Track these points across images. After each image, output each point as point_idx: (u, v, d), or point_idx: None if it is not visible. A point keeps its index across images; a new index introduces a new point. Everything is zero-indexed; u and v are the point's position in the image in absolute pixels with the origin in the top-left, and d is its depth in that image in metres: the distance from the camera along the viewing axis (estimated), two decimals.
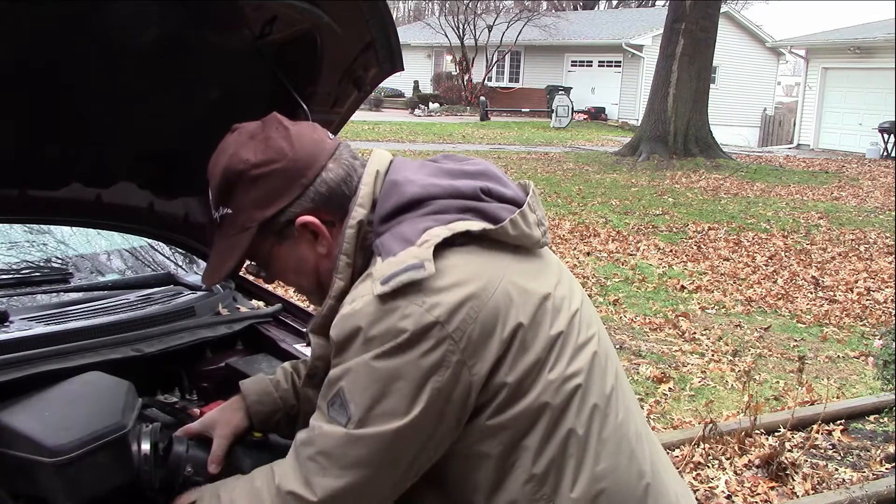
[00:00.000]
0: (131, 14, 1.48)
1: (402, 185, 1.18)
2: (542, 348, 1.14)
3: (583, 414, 1.15)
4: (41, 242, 2.25)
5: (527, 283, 1.16)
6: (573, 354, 1.17)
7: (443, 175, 1.21)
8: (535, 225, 1.21)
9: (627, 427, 1.22)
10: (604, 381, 1.20)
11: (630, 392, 1.30)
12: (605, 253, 8.31)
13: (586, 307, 1.27)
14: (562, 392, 1.14)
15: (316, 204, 1.21)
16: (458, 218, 1.15)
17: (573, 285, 1.28)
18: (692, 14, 16.62)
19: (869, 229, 10.39)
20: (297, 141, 1.22)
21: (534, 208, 1.23)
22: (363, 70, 1.81)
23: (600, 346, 1.23)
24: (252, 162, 1.21)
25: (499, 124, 25.91)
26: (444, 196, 1.17)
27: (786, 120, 30.03)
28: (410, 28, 37.94)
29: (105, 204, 1.91)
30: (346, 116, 1.95)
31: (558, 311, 1.18)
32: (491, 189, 1.20)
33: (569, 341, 1.17)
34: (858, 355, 5.47)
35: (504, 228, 1.15)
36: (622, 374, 1.29)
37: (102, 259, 2.29)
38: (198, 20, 1.55)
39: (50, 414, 1.35)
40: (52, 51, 1.47)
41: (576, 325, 1.20)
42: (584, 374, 1.17)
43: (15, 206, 1.79)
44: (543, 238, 1.24)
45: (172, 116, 1.74)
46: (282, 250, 1.26)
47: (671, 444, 3.71)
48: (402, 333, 1.07)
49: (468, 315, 1.08)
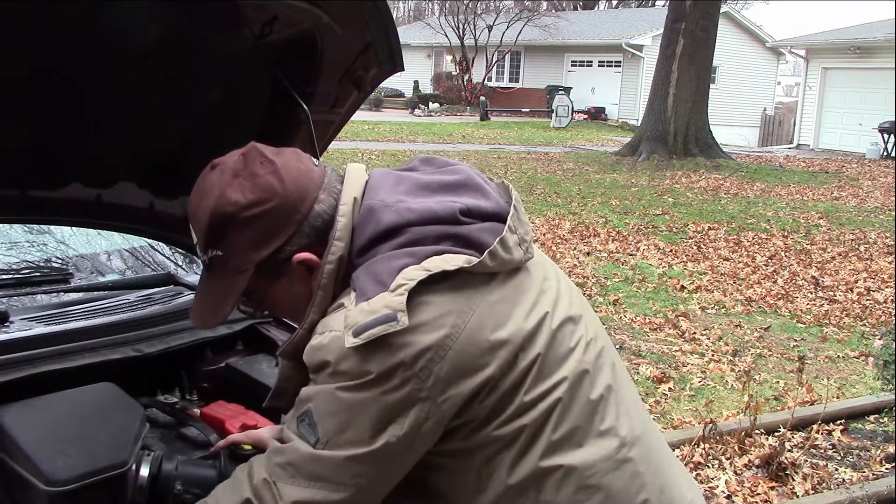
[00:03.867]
0: (132, 14, 1.48)
1: (377, 212, 1.14)
2: (518, 376, 1.12)
3: (563, 426, 1.13)
4: (41, 242, 2.25)
5: (500, 318, 1.12)
6: (552, 370, 1.14)
7: (420, 192, 1.17)
8: (515, 246, 1.17)
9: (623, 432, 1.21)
10: (592, 388, 1.18)
11: (631, 394, 1.27)
12: (605, 253, 8.30)
13: (575, 309, 1.23)
14: (539, 409, 1.12)
15: (311, 239, 1.17)
16: (435, 251, 1.11)
17: (559, 288, 1.24)
18: (692, 14, 16.62)
19: (869, 229, 10.39)
20: (285, 175, 1.17)
21: (514, 227, 1.17)
22: (363, 70, 1.80)
23: (587, 353, 1.20)
24: (242, 203, 1.15)
25: (499, 124, 25.91)
26: (420, 223, 1.12)
27: (786, 120, 30.02)
28: (410, 28, 37.93)
29: (105, 204, 1.91)
30: (347, 116, 1.95)
31: (535, 334, 1.14)
32: (470, 208, 1.15)
33: (548, 360, 1.14)
34: (858, 355, 5.46)
35: (482, 263, 1.11)
36: (621, 377, 1.26)
37: (102, 259, 2.29)
38: (198, 20, 1.55)
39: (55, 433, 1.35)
40: (52, 51, 1.47)
41: (558, 340, 1.17)
42: (565, 386, 1.15)
43: (15, 206, 1.79)
44: (526, 255, 1.19)
45: (173, 116, 1.74)
46: (278, 289, 1.22)
47: (671, 444, 3.71)
48: (367, 374, 1.07)
49: (436, 355, 1.07)
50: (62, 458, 1.31)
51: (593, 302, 6.45)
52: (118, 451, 1.36)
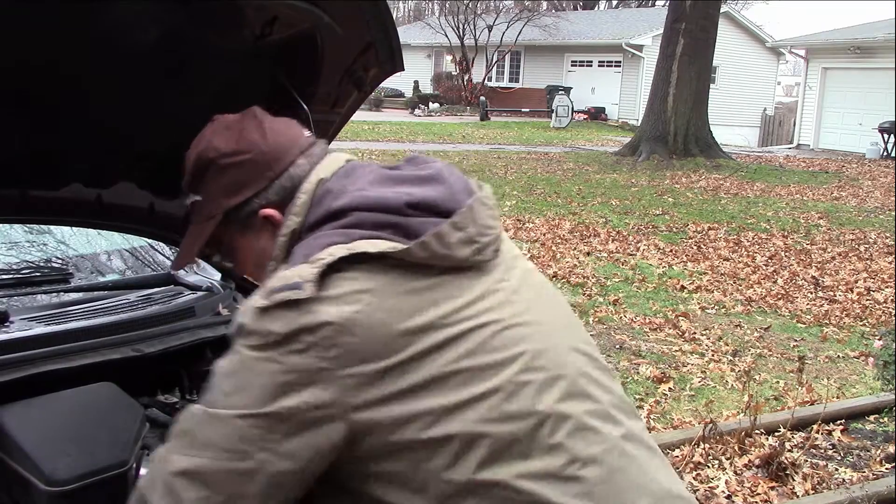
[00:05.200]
0: (132, 14, 1.48)
1: (332, 194, 1.17)
2: (437, 374, 1.05)
3: (500, 437, 1.05)
4: (41, 242, 2.25)
5: (422, 308, 1.07)
6: (483, 376, 1.07)
7: (385, 183, 1.17)
8: (459, 244, 1.12)
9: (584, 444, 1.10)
10: (536, 401, 1.08)
11: (604, 407, 1.15)
12: (605, 253, 8.31)
13: (533, 316, 1.15)
14: (468, 416, 1.05)
15: (280, 198, 1.22)
16: (370, 235, 1.10)
17: (518, 293, 1.17)
18: (692, 14, 16.62)
19: (869, 229, 10.39)
20: (269, 134, 1.25)
21: (462, 226, 1.13)
22: (363, 70, 1.81)
23: (537, 361, 1.11)
24: (222, 151, 1.24)
25: (499, 124, 25.91)
26: (366, 208, 1.13)
27: (786, 120, 30.04)
28: (410, 28, 37.93)
29: (105, 204, 1.91)
30: (347, 116, 1.95)
31: (458, 337, 1.08)
32: (421, 202, 1.13)
33: (477, 363, 1.07)
34: (858, 355, 5.46)
35: (408, 252, 1.08)
36: (592, 389, 1.15)
37: (102, 259, 2.29)
38: (198, 20, 1.55)
39: (55, 433, 1.35)
40: (52, 51, 1.47)
41: (493, 345, 1.09)
42: (500, 395, 1.06)
43: (15, 206, 1.79)
44: (476, 256, 1.14)
45: (173, 116, 1.73)
46: (244, 241, 1.27)
47: (671, 444, 3.71)
48: (271, 335, 1.05)
49: (343, 328, 1.04)
50: (63, 458, 1.31)
51: (593, 302, 6.45)
52: (118, 451, 1.36)
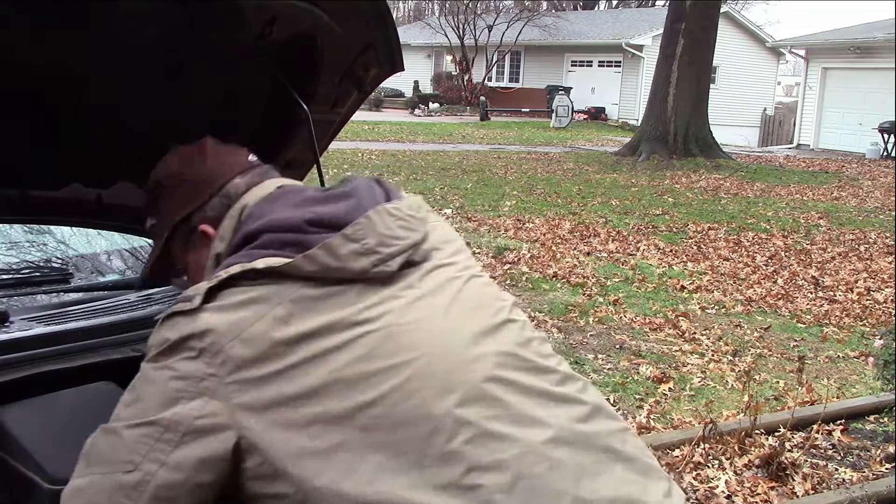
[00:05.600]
0: (132, 14, 1.48)
1: (252, 219, 1.21)
2: (321, 379, 1.04)
3: (388, 448, 1.02)
4: (41, 242, 2.25)
5: (309, 316, 1.07)
6: (366, 383, 1.04)
7: (299, 205, 1.19)
8: (353, 255, 1.11)
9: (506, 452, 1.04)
10: (430, 405, 1.04)
11: (525, 408, 1.09)
12: (605, 253, 8.30)
13: (433, 327, 1.11)
14: (356, 423, 1.02)
15: (218, 213, 1.28)
16: (272, 254, 1.12)
17: (421, 302, 1.13)
18: (692, 14, 16.62)
19: (869, 229, 10.39)
20: (210, 156, 1.32)
21: (358, 237, 1.12)
22: (363, 70, 1.81)
23: (425, 371, 1.06)
24: (168, 173, 1.34)
25: (499, 124, 25.91)
26: (272, 230, 1.16)
27: (786, 120, 30.04)
28: (410, 28, 37.93)
29: (105, 204, 1.92)
30: (347, 116, 1.95)
31: (344, 345, 1.06)
32: (323, 218, 1.15)
33: (365, 369, 1.05)
34: (858, 355, 5.46)
35: (293, 265, 1.09)
36: (502, 393, 1.08)
37: (102, 259, 2.29)
38: (198, 20, 1.55)
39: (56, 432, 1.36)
40: (51, 51, 1.47)
41: (375, 354, 1.06)
42: (384, 405, 1.03)
43: (15, 206, 1.79)
44: (379, 268, 1.12)
45: (172, 116, 1.74)
46: (189, 256, 1.33)
47: (671, 444, 3.71)
48: (165, 342, 1.09)
49: (229, 332, 1.05)
50: (64, 456, 1.31)
51: (593, 302, 6.45)
52: None
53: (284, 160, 1.90)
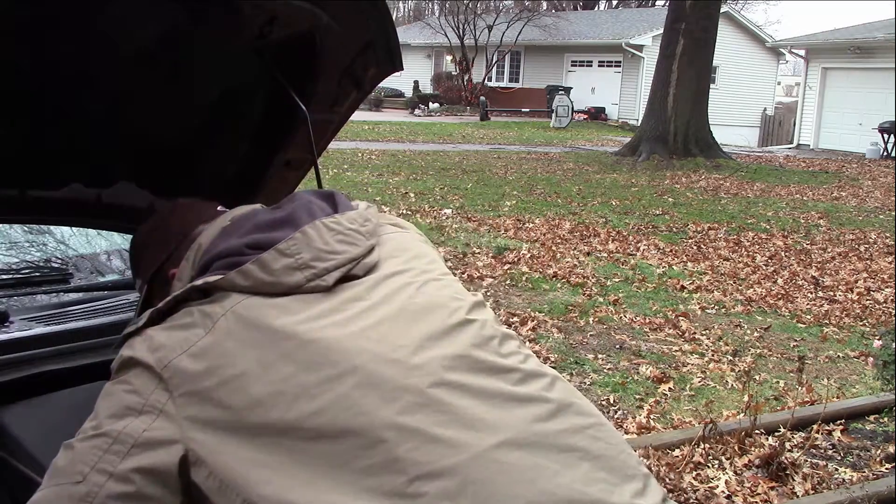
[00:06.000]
0: (131, 14, 1.48)
1: (205, 253, 1.26)
2: (266, 390, 1.04)
3: (332, 459, 1.01)
4: (41, 242, 2.25)
5: (258, 320, 1.10)
6: (307, 394, 1.04)
7: (243, 235, 1.23)
8: (285, 269, 1.13)
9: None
10: (373, 414, 1.04)
11: (483, 410, 1.07)
12: (605, 253, 8.30)
13: (378, 336, 1.11)
14: (294, 438, 1.02)
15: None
16: (217, 274, 1.18)
17: (367, 313, 1.14)
18: (692, 14, 16.63)
19: (869, 229, 10.39)
20: (178, 210, 1.40)
21: (292, 252, 1.15)
22: (363, 70, 1.81)
23: (369, 380, 1.06)
24: (142, 232, 1.42)
25: (499, 124, 25.91)
26: (218, 257, 1.21)
27: (786, 120, 30.04)
28: (410, 28, 37.95)
29: (105, 204, 1.92)
30: (346, 116, 1.95)
31: (285, 355, 1.07)
32: (261, 241, 1.19)
33: (305, 380, 1.05)
34: (858, 355, 5.46)
35: (227, 279, 1.14)
36: (459, 395, 1.07)
37: (102, 259, 2.29)
38: (197, 20, 1.55)
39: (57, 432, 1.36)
40: (51, 51, 1.47)
41: (316, 365, 1.06)
42: (325, 417, 1.03)
43: (15, 206, 1.79)
44: (315, 282, 1.14)
45: (172, 116, 1.74)
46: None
47: (671, 444, 3.71)
48: (120, 359, 1.14)
49: (177, 346, 1.10)
50: None
51: (593, 302, 6.45)
52: None
53: (284, 160, 1.90)
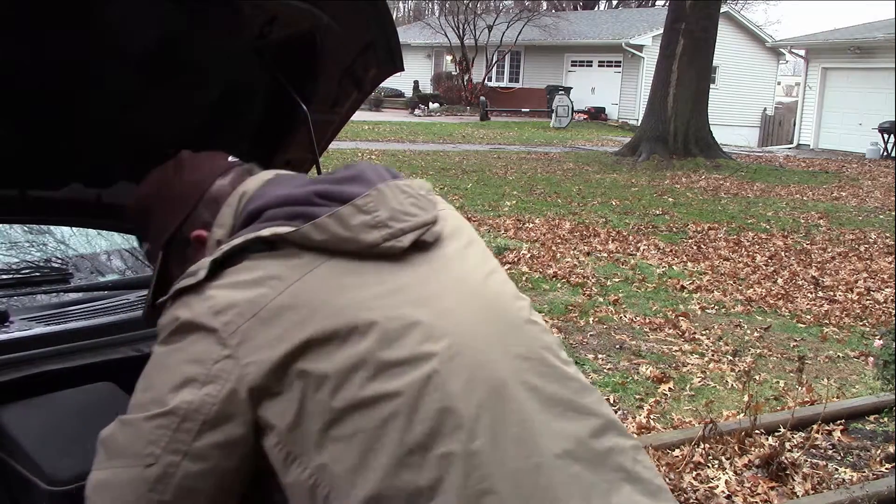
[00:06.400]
0: (131, 14, 1.48)
1: (252, 201, 1.19)
2: (342, 363, 1.00)
3: (407, 443, 0.97)
4: (41, 242, 2.25)
5: (332, 291, 1.03)
6: (390, 371, 1.00)
7: (305, 184, 1.17)
8: (363, 227, 1.07)
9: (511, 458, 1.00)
10: (458, 399, 1.00)
11: (546, 418, 1.05)
12: (605, 253, 8.30)
13: (458, 318, 1.07)
14: (372, 415, 0.98)
15: (208, 219, 1.24)
16: (280, 224, 1.08)
17: (448, 292, 1.10)
18: (692, 14, 16.62)
19: (869, 229, 10.39)
20: (187, 167, 1.29)
21: (369, 209, 1.08)
22: (363, 70, 1.81)
23: (452, 364, 1.02)
24: (146, 194, 1.31)
25: (499, 124, 25.91)
26: (276, 205, 1.13)
27: (786, 120, 30.03)
28: (410, 28, 37.94)
29: (105, 204, 1.92)
30: (347, 117, 1.95)
31: (373, 323, 1.02)
32: (331, 191, 1.12)
33: (386, 355, 1.01)
34: (858, 355, 5.46)
35: (301, 232, 1.06)
36: (528, 398, 1.05)
37: (102, 259, 2.29)
38: (198, 20, 1.55)
39: (56, 433, 1.36)
40: (51, 51, 1.47)
41: (409, 337, 1.02)
42: (406, 396, 0.99)
43: (15, 206, 1.79)
44: (391, 242, 1.08)
45: (172, 116, 1.74)
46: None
47: (671, 444, 3.71)
48: (176, 320, 1.05)
49: (245, 310, 1.01)
50: (63, 458, 1.31)
51: (593, 302, 6.45)
52: None
53: (284, 160, 1.90)
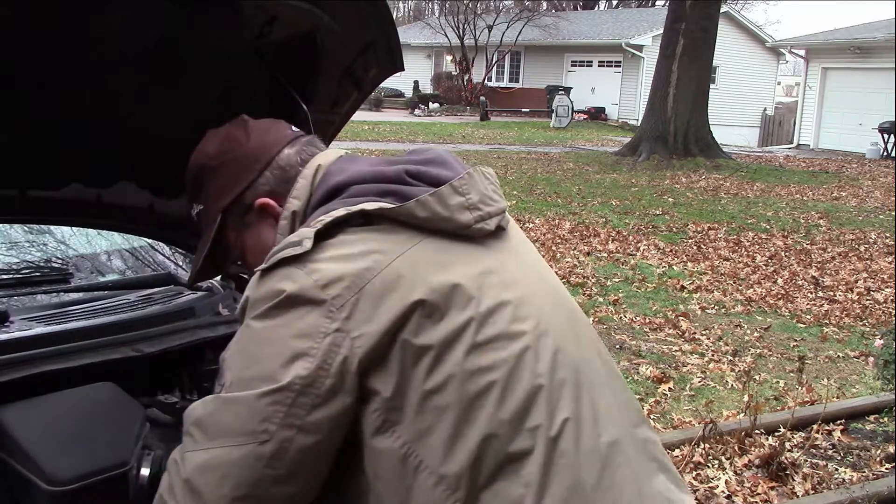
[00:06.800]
0: (131, 14, 1.48)
1: (332, 174, 1.19)
2: (442, 336, 1.03)
3: (500, 415, 1.02)
4: (41, 242, 2.25)
5: (431, 267, 1.07)
6: (487, 346, 1.04)
7: (382, 163, 1.18)
8: (460, 208, 1.11)
9: (589, 440, 1.07)
10: (531, 380, 1.06)
11: (608, 403, 1.13)
12: (605, 253, 8.30)
13: (538, 301, 1.13)
14: (468, 387, 1.02)
15: (273, 187, 1.24)
16: (372, 200, 1.10)
17: (526, 277, 1.16)
18: (692, 14, 16.62)
19: (869, 229, 10.39)
20: (253, 132, 1.27)
21: (463, 191, 1.12)
22: (363, 70, 1.81)
23: (540, 344, 1.08)
24: (210, 154, 1.27)
25: (499, 124, 25.91)
26: (365, 181, 1.14)
27: (786, 120, 30.03)
28: (410, 28, 37.94)
29: (105, 204, 1.91)
30: (347, 117, 1.95)
31: (470, 299, 1.06)
32: (420, 171, 1.14)
33: (483, 331, 1.05)
34: (858, 355, 5.46)
35: (406, 208, 1.08)
36: (596, 383, 1.13)
37: (102, 259, 2.28)
38: (198, 20, 1.55)
39: (56, 433, 1.36)
40: (52, 51, 1.47)
41: (501, 315, 1.07)
42: (501, 371, 1.04)
43: (15, 206, 1.79)
44: (479, 224, 1.13)
45: (172, 116, 1.74)
46: (247, 237, 1.27)
47: (671, 444, 3.71)
48: (280, 294, 1.03)
49: (353, 284, 1.02)
50: (64, 458, 1.31)
51: (593, 302, 6.45)
52: (119, 451, 1.36)
53: None
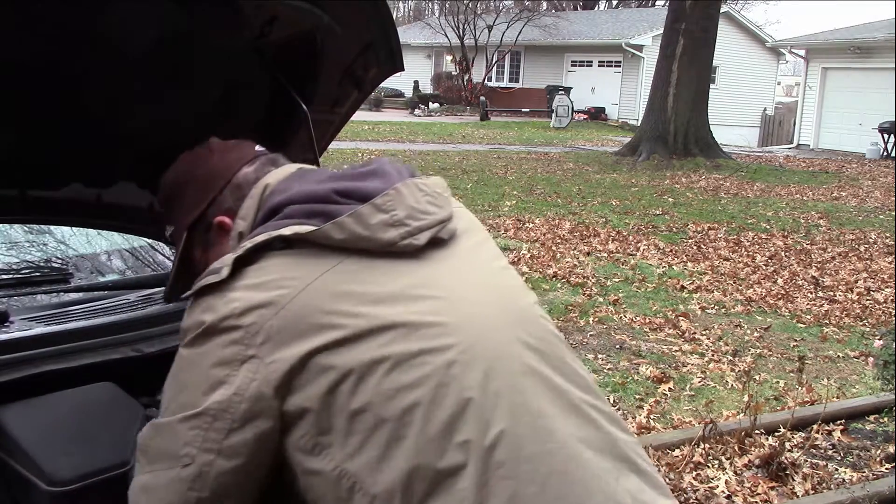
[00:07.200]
0: (132, 14, 1.48)
1: (275, 194, 1.20)
2: (361, 357, 1.02)
3: (427, 432, 1.00)
4: (41, 242, 2.25)
5: (347, 288, 1.06)
6: (409, 363, 1.02)
7: (324, 181, 1.19)
8: (382, 225, 1.10)
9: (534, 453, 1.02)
10: (475, 388, 1.03)
11: (563, 405, 1.08)
12: (605, 253, 8.30)
13: (475, 310, 1.10)
14: (393, 405, 1.00)
15: (231, 205, 1.27)
16: (299, 222, 1.10)
17: (462, 287, 1.13)
18: (692, 14, 16.62)
19: (869, 229, 10.39)
20: (216, 153, 1.32)
21: (388, 208, 1.11)
22: (363, 70, 1.81)
23: (470, 355, 1.05)
24: (178, 172, 1.34)
25: (499, 124, 25.91)
26: (297, 201, 1.15)
27: (786, 120, 30.03)
28: (410, 28, 37.94)
29: (105, 204, 1.91)
30: (347, 117, 1.95)
31: (389, 318, 1.05)
32: (349, 189, 1.14)
33: (405, 348, 1.03)
34: (858, 355, 5.46)
35: (322, 231, 1.08)
36: (545, 388, 1.08)
37: (102, 259, 2.29)
38: (198, 20, 1.55)
39: (56, 433, 1.36)
40: (52, 51, 1.47)
41: (425, 331, 1.05)
42: (426, 387, 1.01)
43: (15, 206, 1.79)
44: (408, 240, 1.11)
45: (173, 116, 1.74)
46: (212, 255, 1.27)
47: (671, 444, 3.71)
48: (201, 325, 1.07)
49: (267, 311, 1.04)
50: (64, 458, 1.31)
51: (593, 302, 6.45)
52: (119, 451, 1.36)
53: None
